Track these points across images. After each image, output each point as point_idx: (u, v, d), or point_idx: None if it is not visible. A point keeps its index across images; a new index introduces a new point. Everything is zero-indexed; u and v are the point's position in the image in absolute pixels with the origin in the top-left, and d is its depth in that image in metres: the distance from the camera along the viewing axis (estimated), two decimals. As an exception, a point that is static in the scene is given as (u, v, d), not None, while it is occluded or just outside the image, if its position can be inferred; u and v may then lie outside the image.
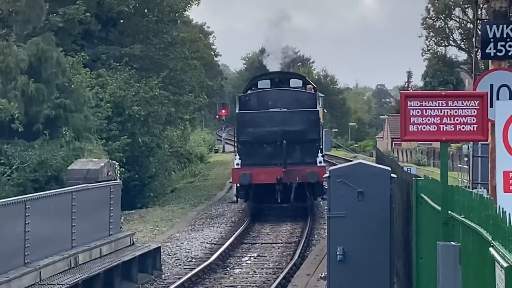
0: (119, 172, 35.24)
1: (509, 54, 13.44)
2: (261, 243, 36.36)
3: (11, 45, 42.57)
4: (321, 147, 39.63)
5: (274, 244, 35.66)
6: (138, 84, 51.52)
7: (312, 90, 46.96)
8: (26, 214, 23.46)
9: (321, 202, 44.91)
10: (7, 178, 39.67)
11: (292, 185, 35.75)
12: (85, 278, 24.01)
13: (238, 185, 37.03)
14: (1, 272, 21.32)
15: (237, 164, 36.35)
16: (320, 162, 36.71)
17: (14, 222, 23.20)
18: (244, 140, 37.60)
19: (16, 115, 40.54)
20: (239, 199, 40.17)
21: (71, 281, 23.35)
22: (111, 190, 30.32)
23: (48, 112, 43.25)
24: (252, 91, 44.97)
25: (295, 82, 45.66)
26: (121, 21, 55.37)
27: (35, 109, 42.96)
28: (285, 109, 38.22)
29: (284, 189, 35.75)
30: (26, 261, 23.40)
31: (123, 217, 34.03)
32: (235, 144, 40.81)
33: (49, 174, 40.14)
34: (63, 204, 25.85)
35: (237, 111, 40.69)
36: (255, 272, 29.73)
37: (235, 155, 38.36)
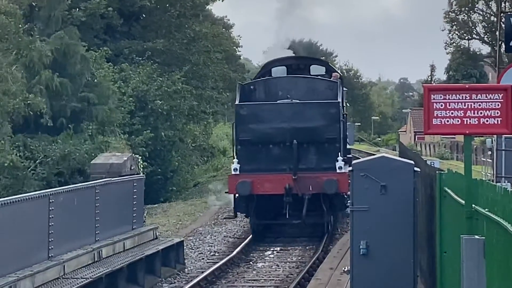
0: (142, 166, 35.02)
1: None
2: (284, 237, 33.75)
3: (35, 40, 42.57)
4: (342, 148, 31.53)
5: (297, 238, 33.10)
6: (160, 79, 51.41)
7: (338, 78, 38.19)
8: (50, 208, 23.51)
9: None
10: (31, 172, 39.76)
11: (305, 197, 28.42)
12: (109, 272, 24.04)
13: (236, 196, 29.84)
14: (25, 266, 21.51)
15: (235, 170, 29.34)
16: (340, 167, 28.69)
17: (38, 216, 23.31)
18: (244, 139, 29.97)
19: (44, 110, 40.88)
20: (237, 214, 32.82)
21: (94, 274, 23.38)
22: (134, 184, 30.33)
23: (72, 107, 43.38)
24: (258, 79, 36.63)
25: (316, 69, 37.17)
26: (143, 15, 55.40)
27: (59, 103, 43.11)
28: (298, 101, 30.57)
29: (295, 201, 28.58)
30: (50, 255, 23.46)
31: (146, 211, 33.62)
32: (233, 144, 31.89)
33: (73, 167, 40.29)
34: (87, 198, 25.86)
35: (236, 102, 32.27)
36: (278, 266, 28.64)
37: (233, 158, 30.66)
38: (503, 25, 14.13)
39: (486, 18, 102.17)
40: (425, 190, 15.53)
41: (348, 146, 39.91)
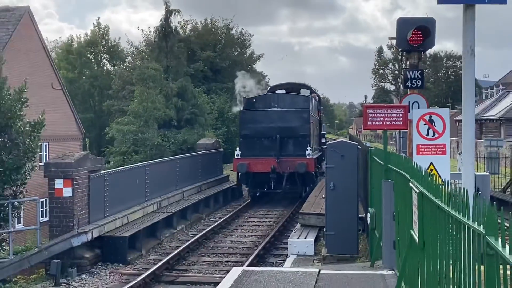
0: (222, 145, 35.75)
1: (418, 86, 13.34)
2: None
3: (169, 83, 43.25)
4: (312, 141, 28.50)
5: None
6: (231, 102, 50.82)
7: (316, 97, 36.84)
8: (177, 165, 24.01)
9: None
10: (168, 148, 40.59)
11: (284, 174, 25.64)
12: (205, 197, 24.37)
13: (239, 173, 26.75)
14: (165, 193, 21.97)
15: (237, 155, 26.35)
16: (309, 154, 26.02)
17: (171, 169, 23.71)
18: (245, 134, 27.04)
19: (174, 117, 41.90)
20: (241, 185, 28.80)
21: (199, 198, 23.76)
22: (218, 154, 31.35)
23: (187, 116, 43.95)
24: (258, 95, 33.59)
25: (304, 92, 33.83)
26: (222, 70, 55.26)
27: (181, 114, 43.76)
28: (281, 109, 27.41)
29: (278, 177, 25.74)
30: (176, 188, 23.78)
31: (223, 167, 33.75)
32: (238, 138, 29.25)
33: (188, 146, 40.97)
34: (196, 161, 26.94)
35: (241, 109, 29.61)
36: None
37: (237, 147, 27.57)
38: (402, 75, 14.40)
39: (392, 71, 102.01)
40: (362, 157, 15.45)
41: (323, 140, 36.71)
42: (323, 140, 36.02)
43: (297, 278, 9.44)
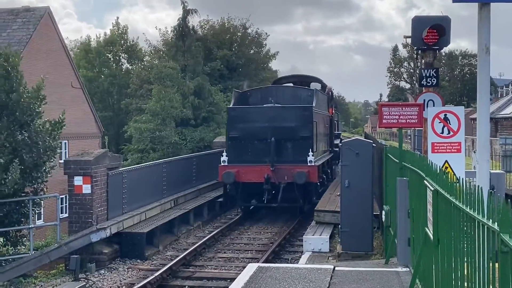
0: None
1: (433, 84, 13.22)
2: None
3: (186, 81, 43.28)
4: (315, 144, 21.67)
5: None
6: (248, 100, 50.70)
7: (329, 91, 30.15)
8: (194, 163, 23.99)
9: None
10: (184, 146, 40.67)
11: (281, 185, 19.87)
12: (221, 194, 24.05)
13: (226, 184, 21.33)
14: (181, 190, 22.21)
15: (223, 162, 20.73)
16: (311, 161, 20.09)
17: (188, 166, 23.76)
18: (233, 136, 21.30)
19: (191, 115, 41.91)
20: (227, 200, 22.45)
21: (215, 195, 23.82)
22: None
23: (204, 114, 44.05)
24: (255, 88, 28.54)
25: (315, 85, 27.80)
26: (238, 69, 55.02)
27: (198, 112, 43.84)
28: (278, 105, 21.73)
29: (273, 188, 20.33)
30: (193, 185, 23.87)
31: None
32: (225, 141, 22.87)
33: (205, 143, 40.93)
34: (212, 158, 25.88)
35: (230, 106, 23.58)
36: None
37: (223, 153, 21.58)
38: (417, 73, 14.29)
39: (407, 70, 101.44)
40: (377, 155, 15.39)
41: (337, 141, 31.08)
42: (337, 142, 30.87)
43: (311, 275, 9.42)
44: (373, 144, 16.08)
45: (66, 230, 17.09)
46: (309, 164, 19.96)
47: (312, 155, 20.23)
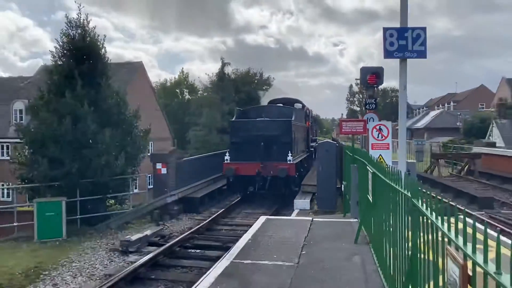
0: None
1: (373, 108, 13.07)
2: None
3: (222, 106, 42.48)
4: (295, 147, 18.94)
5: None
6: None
7: (307, 110, 27.07)
8: (215, 160, 23.38)
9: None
10: (223, 146, 39.67)
11: (268, 178, 17.49)
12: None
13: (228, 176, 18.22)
14: (210, 176, 19.97)
15: (226, 160, 17.94)
16: (290, 160, 17.43)
17: (221, 158, 22.75)
18: (234, 141, 18.62)
19: (226, 127, 35.34)
20: (230, 186, 19.24)
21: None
22: None
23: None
24: (252, 107, 23.62)
25: (297, 105, 24.90)
26: (256, 99, 54.18)
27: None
28: (267, 119, 19.09)
29: (262, 180, 17.69)
30: (213, 173, 23.02)
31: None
32: (229, 145, 19.19)
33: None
34: (221, 157, 24.68)
35: (232, 119, 20.23)
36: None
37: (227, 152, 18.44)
38: (363, 101, 13.99)
39: (358, 99, 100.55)
40: (340, 151, 15.29)
41: (314, 144, 27.62)
42: (314, 144, 27.57)
43: (299, 223, 9.42)
44: (337, 144, 16.02)
45: (151, 196, 17.21)
46: (288, 162, 17.32)
47: (291, 155, 17.62)
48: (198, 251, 11.01)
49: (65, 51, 13.78)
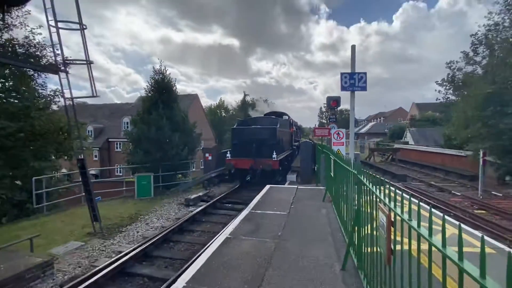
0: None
1: (334, 121, 12.43)
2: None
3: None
4: (280, 147, 14.70)
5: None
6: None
7: (291, 119, 21.09)
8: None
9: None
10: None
11: (257, 170, 14.02)
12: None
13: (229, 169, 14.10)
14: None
15: (227, 157, 14.42)
16: (274, 157, 13.79)
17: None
18: (234, 143, 14.86)
19: None
20: (231, 176, 15.00)
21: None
22: None
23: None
24: (249, 117, 19.70)
25: (285, 117, 20.47)
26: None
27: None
28: (258, 126, 15.24)
29: (253, 172, 14.23)
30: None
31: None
32: (231, 145, 15.09)
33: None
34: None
35: (234, 127, 15.98)
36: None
37: (228, 151, 14.66)
38: (328, 117, 12.43)
39: (325, 116, 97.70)
40: (314, 148, 14.83)
41: (296, 144, 22.32)
42: (297, 144, 22.70)
43: (290, 189, 9.27)
44: (312, 143, 15.68)
45: (203, 172, 17.01)
46: (273, 159, 13.93)
47: (275, 154, 14.10)
48: (229, 205, 10.99)
49: (152, 88, 14.20)
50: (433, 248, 1.67)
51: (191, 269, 3.40)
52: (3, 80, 9.25)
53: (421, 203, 6.06)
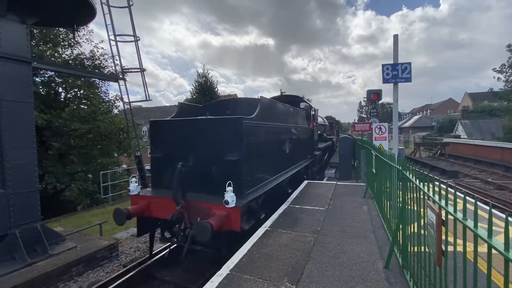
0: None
1: (376, 115, 11.95)
2: None
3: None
4: (245, 172, 4.52)
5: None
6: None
7: (313, 109, 11.00)
8: None
9: None
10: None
11: (187, 229, 4.15)
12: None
13: None
14: None
15: (130, 191, 4.41)
16: (231, 200, 3.88)
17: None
18: (153, 156, 4.63)
19: None
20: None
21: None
22: None
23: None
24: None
25: (302, 104, 9.99)
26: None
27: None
28: (203, 118, 4.89)
29: (178, 234, 4.25)
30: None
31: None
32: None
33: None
34: None
35: (152, 120, 4.99)
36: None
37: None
38: (369, 111, 12.14)
39: (365, 110, 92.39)
40: (354, 143, 14.33)
41: (325, 144, 14.92)
42: (325, 144, 16.02)
43: (328, 185, 9.04)
44: (352, 138, 15.03)
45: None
46: (227, 203, 4.23)
47: (238, 188, 5.66)
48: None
49: (196, 90, 14.92)
50: (493, 251, 1.48)
51: (234, 257, 3.48)
52: (76, 90, 10.27)
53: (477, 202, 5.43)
